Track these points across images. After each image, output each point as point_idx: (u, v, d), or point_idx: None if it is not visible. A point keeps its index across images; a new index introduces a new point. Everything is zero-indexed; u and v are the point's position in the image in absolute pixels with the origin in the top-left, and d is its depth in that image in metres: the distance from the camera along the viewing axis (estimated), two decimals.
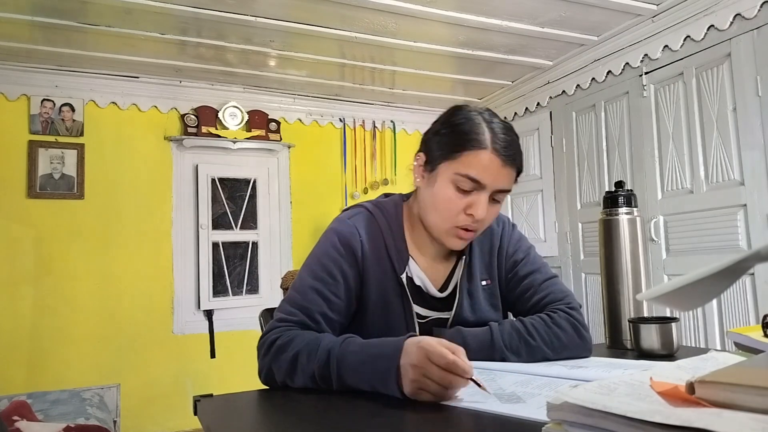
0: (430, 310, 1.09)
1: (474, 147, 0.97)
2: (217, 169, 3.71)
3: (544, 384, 0.79)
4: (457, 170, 0.98)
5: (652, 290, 0.49)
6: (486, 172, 0.97)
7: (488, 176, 0.98)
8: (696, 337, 2.61)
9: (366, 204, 1.14)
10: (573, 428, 0.47)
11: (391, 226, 1.09)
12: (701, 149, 2.62)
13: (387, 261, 1.06)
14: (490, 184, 0.98)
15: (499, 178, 0.99)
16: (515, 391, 0.76)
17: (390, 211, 1.11)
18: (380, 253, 1.06)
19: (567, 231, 3.47)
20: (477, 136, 0.98)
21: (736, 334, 0.88)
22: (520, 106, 3.85)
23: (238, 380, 3.41)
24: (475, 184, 0.98)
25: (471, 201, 0.99)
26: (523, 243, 1.18)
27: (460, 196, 0.99)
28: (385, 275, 1.05)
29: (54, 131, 3.31)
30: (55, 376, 3.17)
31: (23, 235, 3.22)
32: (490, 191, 0.99)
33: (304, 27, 2.82)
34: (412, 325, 1.05)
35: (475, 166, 0.97)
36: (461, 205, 0.99)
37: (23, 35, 2.86)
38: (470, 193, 0.99)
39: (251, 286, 3.75)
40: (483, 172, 0.97)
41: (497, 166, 0.98)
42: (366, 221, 1.09)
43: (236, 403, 0.81)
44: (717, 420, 0.38)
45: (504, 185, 1.00)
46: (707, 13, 2.56)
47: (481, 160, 0.97)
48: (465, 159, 0.97)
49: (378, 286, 1.05)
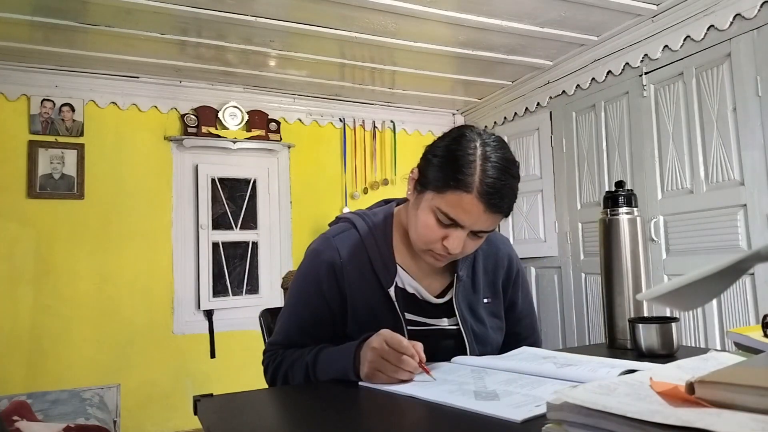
0: (427, 317, 1.10)
1: (459, 188, 0.95)
2: (217, 169, 3.71)
3: (528, 383, 0.80)
4: (438, 205, 0.97)
5: (652, 290, 0.49)
6: (466, 216, 0.96)
7: (468, 219, 0.97)
8: (696, 337, 2.61)
9: (352, 217, 1.15)
10: (573, 428, 0.47)
11: (377, 241, 1.10)
12: (701, 149, 2.62)
13: (372, 276, 1.08)
14: (469, 226, 0.98)
15: (479, 222, 0.97)
16: (496, 389, 0.77)
17: (378, 224, 1.12)
18: (364, 268, 1.08)
19: (567, 231, 3.47)
20: (465, 177, 0.94)
21: (736, 334, 0.88)
22: (520, 106, 3.85)
23: (238, 380, 3.41)
24: (453, 222, 0.97)
25: (448, 234, 0.99)
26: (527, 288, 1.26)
27: (439, 226, 0.99)
28: (371, 290, 1.08)
29: (54, 131, 3.31)
30: (55, 376, 3.17)
31: (23, 235, 3.22)
32: (468, 230, 0.99)
33: (304, 27, 2.82)
34: (402, 331, 1.05)
35: (456, 208, 0.96)
36: (439, 234, 0.99)
37: (23, 35, 2.86)
38: (449, 226, 0.98)
39: (251, 286, 3.75)
40: (462, 215, 0.96)
41: (479, 212, 0.96)
42: (349, 239, 1.10)
43: (236, 403, 0.81)
44: (717, 420, 0.38)
45: (484, 228, 0.99)
46: (707, 13, 2.56)
47: (463, 203, 0.95)
48: (449, 197, 0.96)
49: (365, 301, 1.07)
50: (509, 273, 1.20)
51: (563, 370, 0.84)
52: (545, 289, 3.66)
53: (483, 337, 1.12)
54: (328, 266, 1.07)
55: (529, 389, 0.76)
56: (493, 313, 1.17)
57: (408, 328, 1.06)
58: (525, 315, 1.24)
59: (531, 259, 3.75)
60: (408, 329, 1.06)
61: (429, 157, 1.02)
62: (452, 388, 0.79)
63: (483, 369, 0.92)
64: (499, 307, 1.19)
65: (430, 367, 0.90)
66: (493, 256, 1.19)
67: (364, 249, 1.09)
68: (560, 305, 3.52)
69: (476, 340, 1.11)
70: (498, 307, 1.19)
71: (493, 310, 1.17)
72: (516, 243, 3.82)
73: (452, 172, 0.95)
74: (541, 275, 3.71)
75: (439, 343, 1.08)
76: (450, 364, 0.98)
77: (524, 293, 1.24)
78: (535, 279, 3.76)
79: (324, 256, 1.08)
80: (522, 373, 0.87)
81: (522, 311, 1.23)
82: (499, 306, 1.19)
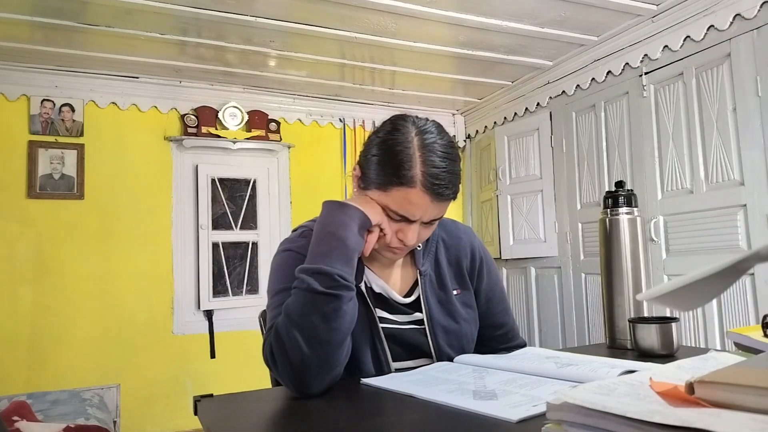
0: (395, 314, 1.08)
1: (403, 185, 0.93)
2: (217, 170, 3.71)
3: (528, 383, 0.80)
4: (385, 203, 0.96)
5: (652, 290, 0.49)
6: (414, 209, 0.95)
7: (417, 212, 0.96)
8: (696, 337, 2.61)
9: (308, 224, 1.13)
10: (572, 428, 0.47)
11: None
12: (701, 149, 2.62)
13: None
14: (419, 219, 0.97)
15: (429, 212, 0.97)
16: (495, 389, 0.77)
17: None
18: None
19: (567, 231, 3.47)
20: (406, 171, 0.93)
21: (736, 334, 0.88)
22: (520, 106, 3.85)
23: (238, 380, 3.41)
24: (403, 217, 0.97)
25: (401, 228, 0.98)
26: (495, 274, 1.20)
27: (390, 222, 0.98)
28: None
29: (54, 131, 3.32)
30: (55, 377, 3.17)
31: (23, 235, 3.22)
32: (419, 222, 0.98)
33: (304, 27, 2.82)
34: (376, 329, 1.04)
35: (403, 204, 0.95)
36: (392, 229, 0.99)
37: (23, 35, 2.86)
38: (400, 221, 0.98)
39: (251, 287, 3.75)
40: (411, 209, 0.95)
41: (426, 203, 0.95)
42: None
43: (236, 403, 0.81)
44: (716, 420, 0.38)
45: (434, 216, 0.99)
46: (707, 14, 2.56)
47: (409, 198, 0.94)
48: (394, 194, 0.95)
49: None
50: (473, 262, 1.17)
51: (564, 370, 0.84)
52: (545, 289, 3.66)
53: (455, 332, 1.10)
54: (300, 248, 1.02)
55: (528, 389, 0.76)
56: (465, 303, 1.14)
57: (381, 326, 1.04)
58: (496, 302, 1.19)
59: (531, 259, 3.75)
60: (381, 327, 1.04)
61: (367, 155, 1.01)
62: (452, 388, 0.80)
63: (484, 369, 0.92)
64: (470, 298, 1.16)
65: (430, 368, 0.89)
66: (455, 247, 1.17)
67: None
68: (560, 305, 3.52)
69: (447, 335, 1.08)
70: (469, 298, 1.15)
71: (465, 300, 1.14)
72: (516, 243, 3.82)
73: (392, 169, 0.94)
74: (541, 275, 3.71)
75: (412, 340, 1.07)
76: (452, 364, 0.99)
77: (492, 281, 1.19)
78: (535, 279, 3.76)
79: (295, 249, 1.04)
80: (523, 373, 0.87)
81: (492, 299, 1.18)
82: (470, 296, 1.16)
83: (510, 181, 3.89)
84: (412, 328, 1.08)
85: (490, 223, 4.10)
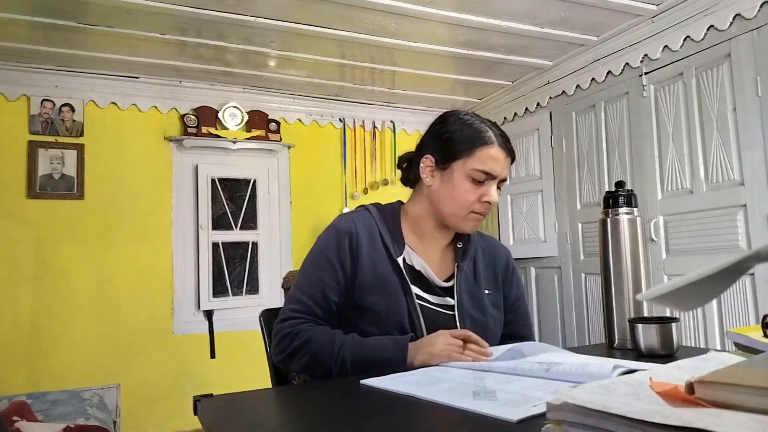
0: (431, 294, 1.18)
1: (486, 144, 1.14)
2: (217, 170, 3.71)
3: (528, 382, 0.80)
4: (472, 166, 1.14)
5: (652, 290, 0.49)
6: (496, 164, 1.15)
7: (498, 167, 1.15)
8: (696, 337, 2.61)
9: (365, 205, 1.28)
10: (572, 428, 0.47)
11: (387, 220, 1.22)
12: (701, 149, 2.62)
13: (382, 246, 1.18)
14: (499, 175, 1.16)
15: (505, 168, 1.17)
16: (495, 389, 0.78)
17: (388, 210, 1.26)
18: (375, 240, 1.18)
19: (567, 231, 3.46)
20: (485, 134, 1.15)
21: (736, 334, 0.88)
22: (520, 107, 3.85)
23: (238, 380, 3.41)
24: (487, 176, 1.14)
25: (485, 191, 1.16)
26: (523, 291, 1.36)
27: (475, 187, 1.15)
28: (381, 259, 1.16)
29: (54, 131, 3.32)
30: (55, 377, 3.17)
31: (23, 235, 3.22)
32: (497, 180, 1.17)
33: (304, 27, 2.82)
34: (413, 304, 1.13)
35: (488, 161, 1.14)
36: (477, 194, 1.15)
37: (23, 35, 2.86)
38: (483, 183, 1.15)
39: (251, 287, 3.75)
40: (494, 165, 1.15)
41: (503, 159, 1.16)
42: (363, 215, 1.23)
43: (236, 403, 0.81)
44: (716, 420, 0.38)
45: (506, 174, 1.19)
46: (707, 14, 2.56)
47: (492, 155, 1.14)
48: (478, 155, 1.14)
49: (374, 269, 1.15)
50: (506, 270, 1.32)
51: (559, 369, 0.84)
52: (545, 289, 3.66)
53: (482, 324, 1.18)
54: (345, 234, 1.16)
55: (527, 389, 0.76)
56: (495, 304, 1.25)
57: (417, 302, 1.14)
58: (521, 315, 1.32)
59: (531, 259, 3.75)
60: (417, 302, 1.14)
61: (435, 140, 1.20)
62: (451, 387, 0.80)
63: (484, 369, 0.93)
64: (500, 300, 1.27)
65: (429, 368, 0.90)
66: (492, 254, 1.31)
67: (375, 225, 1.20)
68: (560, 305, 3.52)
69: (474, 325, 1.16)
70: (499, 299, 1.27)
71: (495, 301, 1.26)
72: (516, 243, 3.82)
73: (474, 134, 1.15)
74: (540, 275, 3.71)
75: (441, 321, 1.14)
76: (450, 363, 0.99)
77: (520, 293, 1.34)
78: (535, 279, 3.76)
79: (342, 227, 1.18)
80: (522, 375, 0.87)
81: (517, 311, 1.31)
82: (499, 298, 1.27)
83: (510, 181, 3.89)
84: (442, 312, 1.17)
85: (490, 222, 4.10)
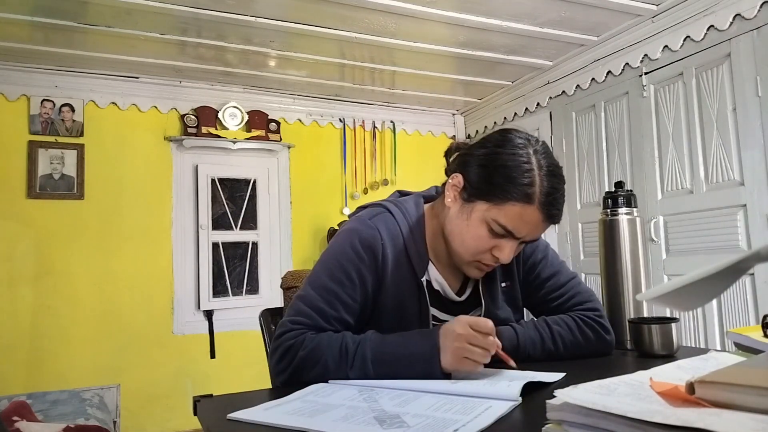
0: (448, 314, 1.07)
1: (521, 201, 0.92)
2: (217, 170, 3.71)
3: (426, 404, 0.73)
4: (495, 217, 0.94)
5: (652, 290, 0.49)
6: (524, 226, 0.94)
7: (525, 230, 0.94)
8: (696, 337, 2.61)
9: (386, 204, 1.09)
10: (573, 428, 0.47)
11: (412, 229, 1.05)
12: (701, 149, 2.62)
13: (407, 264, 1.03)
14: (524, 237, 0.96)
15: (536, 232, 0.96)
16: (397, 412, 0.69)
17: (411, 213, 1.08)
18: (400, 256, 1.03)
19: (567, 231, 3.46)
20: (526, 188, 0.92)
21: (736, 334, 0.88)
22: (520, 107, 3.85)
23: (238, 380, 3.41)
24: (508, 233, 0.95)
25: (499, 244, 0.97)
26: (540, 242, 1.13)
27: (491, 237, 0.96)
28: (403, 279, 1.03)
29: (54, 131, 3.31)
30: (55, 376, 3.16)
31: (23, 235, 3.22)
32: (521, 241, 0.97)
33: (304, 27, 2.82)
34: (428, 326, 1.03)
35: (515, 220, 0.93)
36: (489, 245, 0.97)
37: (23, 35, 2.85)
38: (501, 236, 0.96)
39: (251, 287, 3.75)
40: (522, 226, 0.94)
41: (538, 222, 0.94)
42: (387, 223, 1.05)
43: (236, 404, 0.81)
44: (717, 420, 0.38)
45: (537, 236, 0.98)
46: (707, 14, 2.56)
47: (523, 216, 0.93)
48: (508, 209, 0.93)
49: (395, 290, 1.02)
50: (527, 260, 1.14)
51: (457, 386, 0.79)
52: None
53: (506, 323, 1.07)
54: (368, 245, 1.00)
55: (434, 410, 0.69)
56: (510, 298, 1.13)
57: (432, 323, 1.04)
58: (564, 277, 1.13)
59: None
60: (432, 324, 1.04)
61: (474, 165, 0.98)
62: (347, 414, 0.69)
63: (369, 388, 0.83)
64: (516, 292, 1.14)
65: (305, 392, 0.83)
66: None
67: (401, 234, 1.04)
68: None
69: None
70: (516, 292, 1.14)
71: (511, 294, 1.13)
72: None
73: (512, 185, 0.92)
74: None
75: None
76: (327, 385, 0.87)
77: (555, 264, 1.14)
78: None
79: (365, 234, 1.01)
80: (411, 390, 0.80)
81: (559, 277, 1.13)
82: (516, 291, 1.14)
83: None
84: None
85: None
